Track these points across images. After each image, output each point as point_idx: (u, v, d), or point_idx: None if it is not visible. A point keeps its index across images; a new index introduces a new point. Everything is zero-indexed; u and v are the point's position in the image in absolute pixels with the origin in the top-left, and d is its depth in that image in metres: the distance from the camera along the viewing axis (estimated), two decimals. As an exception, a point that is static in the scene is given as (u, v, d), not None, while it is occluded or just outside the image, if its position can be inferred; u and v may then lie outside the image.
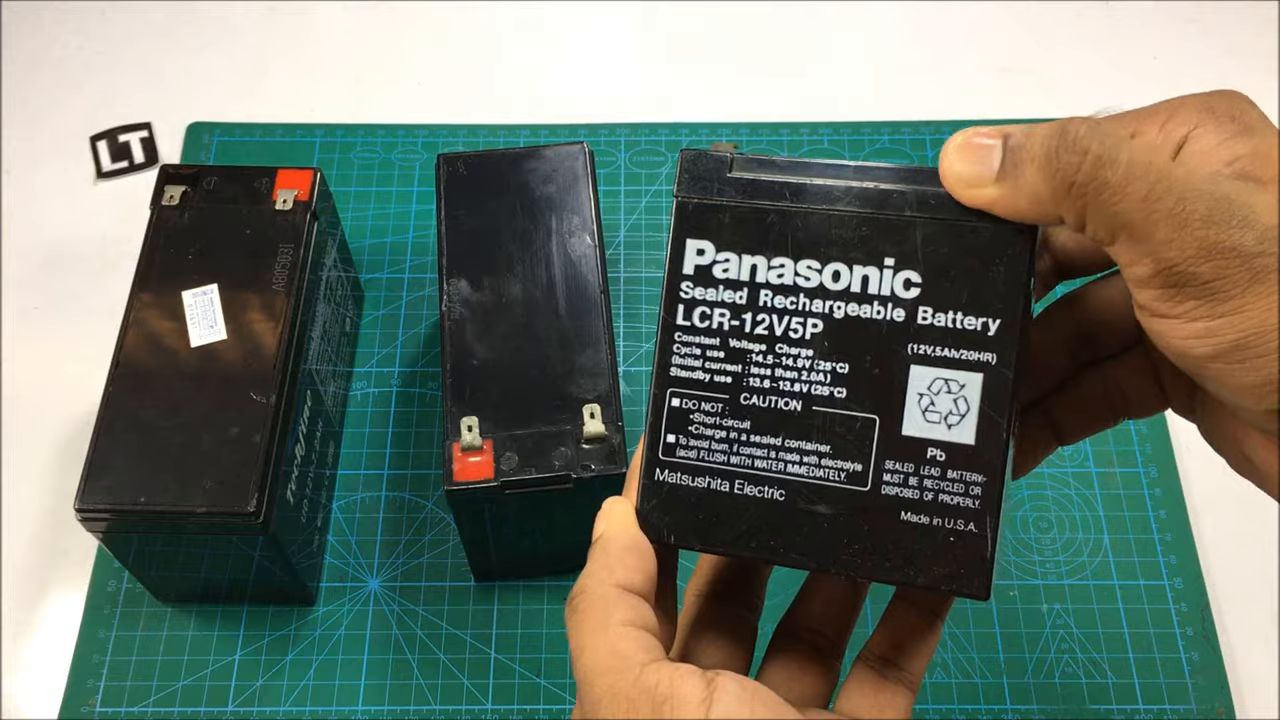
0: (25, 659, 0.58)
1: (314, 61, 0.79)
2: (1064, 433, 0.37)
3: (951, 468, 0.32)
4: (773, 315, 0.34)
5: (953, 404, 0.33)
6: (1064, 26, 0.81)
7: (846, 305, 0.33)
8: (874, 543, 0.33)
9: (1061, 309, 0.37)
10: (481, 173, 0.59)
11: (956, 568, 0.32)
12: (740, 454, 0.34)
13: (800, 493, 0.33)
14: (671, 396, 0.34)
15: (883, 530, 0.33)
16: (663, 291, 0.35)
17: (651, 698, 0.29)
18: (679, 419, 0.34)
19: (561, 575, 0.59)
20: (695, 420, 0.34)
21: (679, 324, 0.34)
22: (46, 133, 0.75)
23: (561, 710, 0.55)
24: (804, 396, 0.34)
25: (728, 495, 0.34)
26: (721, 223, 0.34)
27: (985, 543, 0.32)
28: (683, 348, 0.34)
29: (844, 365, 0.33)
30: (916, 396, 0.33)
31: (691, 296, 0.34)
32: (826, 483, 0.33)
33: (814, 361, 0.34)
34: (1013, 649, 0.57)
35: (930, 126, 0.75)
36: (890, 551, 0.33)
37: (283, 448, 0.52)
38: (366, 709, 0.56)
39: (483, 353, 0.53)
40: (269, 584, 0.56)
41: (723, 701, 0.29)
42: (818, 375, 0.34)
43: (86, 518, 0.50)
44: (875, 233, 0.33)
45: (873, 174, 0.33)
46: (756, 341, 0.34)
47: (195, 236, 0.57)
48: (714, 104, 0.77)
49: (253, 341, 0.53)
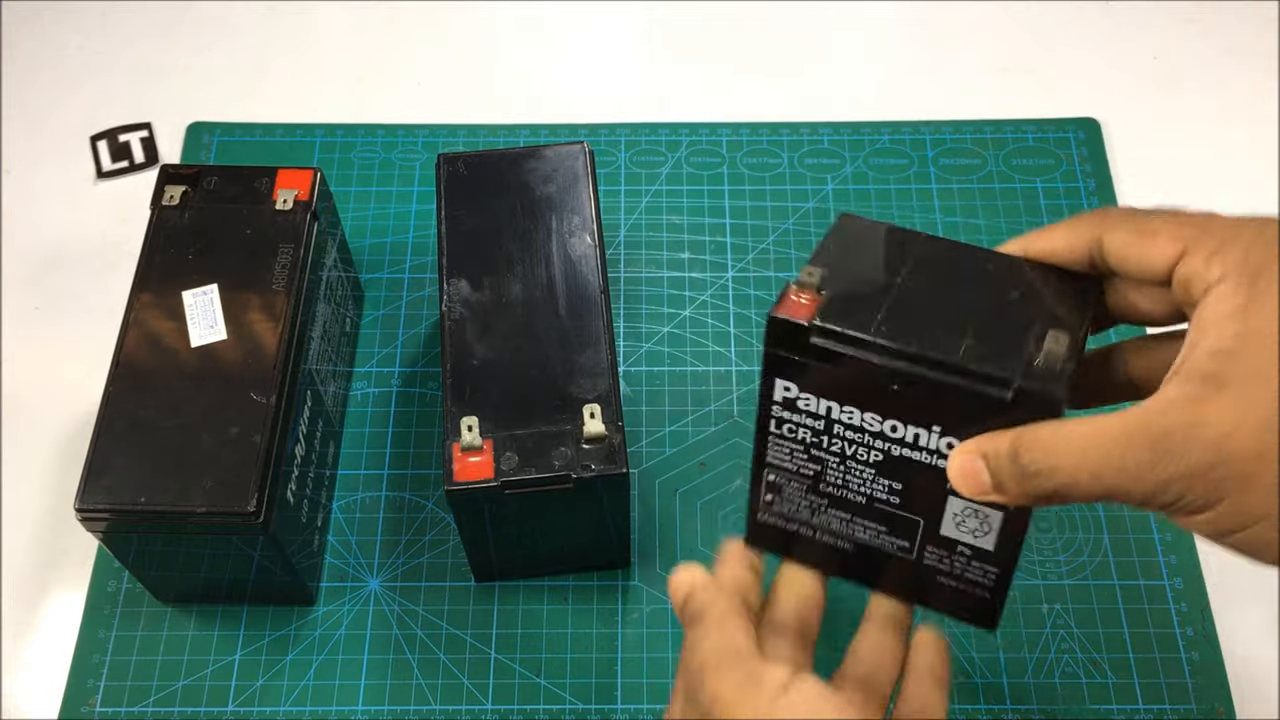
0: (25, 659, 0.58)
1: (314, 61, 0.79)
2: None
3: (975, 560, 0.42)
4: (844, 441, 0.43)
5: (979, 524, 0.42)
6: (1064, 26, 0.81)
7: (902, 449, 0.42)
8: (916, 585, 0.44)
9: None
10: (482, 173, 0.59)
11: (973, 613, 0.44)
12: (819, 516, 0.45)
13: (864, 547, 0.44)
14: (768, 473, 0.44)
15: (923, 581, 0.44)
16: (757, 410, 0.44)
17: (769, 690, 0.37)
18: (774, 487, 0.45)
19: (561, 575, 0.59)
20: (786, 490, 0.45)
21: (772, 431, 0.44)
22: (47, 133, 0.76)
23: (561, 710, 0.56)
24: (868, 495, 0.43)
25: (810, 539, 0.45)
26: (804, 372, 0.42)
27: (994, 605, 0.43)
28: (775, 447, 0.44)
29: (898, 484, 0.43)
30: (952, 515, 0.42)
31: (780, 416, 0.43)
32: (883, 548, 0.44)
33: (876, 477, 0.43)
34: (1013, 649, 0.57)
35: (930, 126, 0.75)
36: (926, 593, 0.44)
37: (283, 448, 0.52)
38: (367, 709, 0.56)
39: (483, 353, 0.53)
40: (269, 584, 0.56)
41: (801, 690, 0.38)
42: (878, 486, 0.43)
43: (86, 517, 0.50)
44: (927, 405, 0.40)
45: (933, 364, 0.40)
46: (831, 454, 0.43)
47: (195, 236, 0.57)
48: (714, 104, 0.77)
49: (253, 341, 0.53)
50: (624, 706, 0.56)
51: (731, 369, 0.65)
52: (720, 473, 0.62)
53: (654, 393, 0.65)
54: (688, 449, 0.63)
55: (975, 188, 0.72)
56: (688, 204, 0.71)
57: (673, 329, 0.67)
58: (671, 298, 0.68)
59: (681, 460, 0.62)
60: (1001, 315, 0.41)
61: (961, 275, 0.43)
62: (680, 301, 0.68)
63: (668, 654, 0.57)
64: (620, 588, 0.59)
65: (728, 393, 0.64)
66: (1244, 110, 0.75)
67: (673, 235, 0.70)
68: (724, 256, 0.69)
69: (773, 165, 0.73)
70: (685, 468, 0.62)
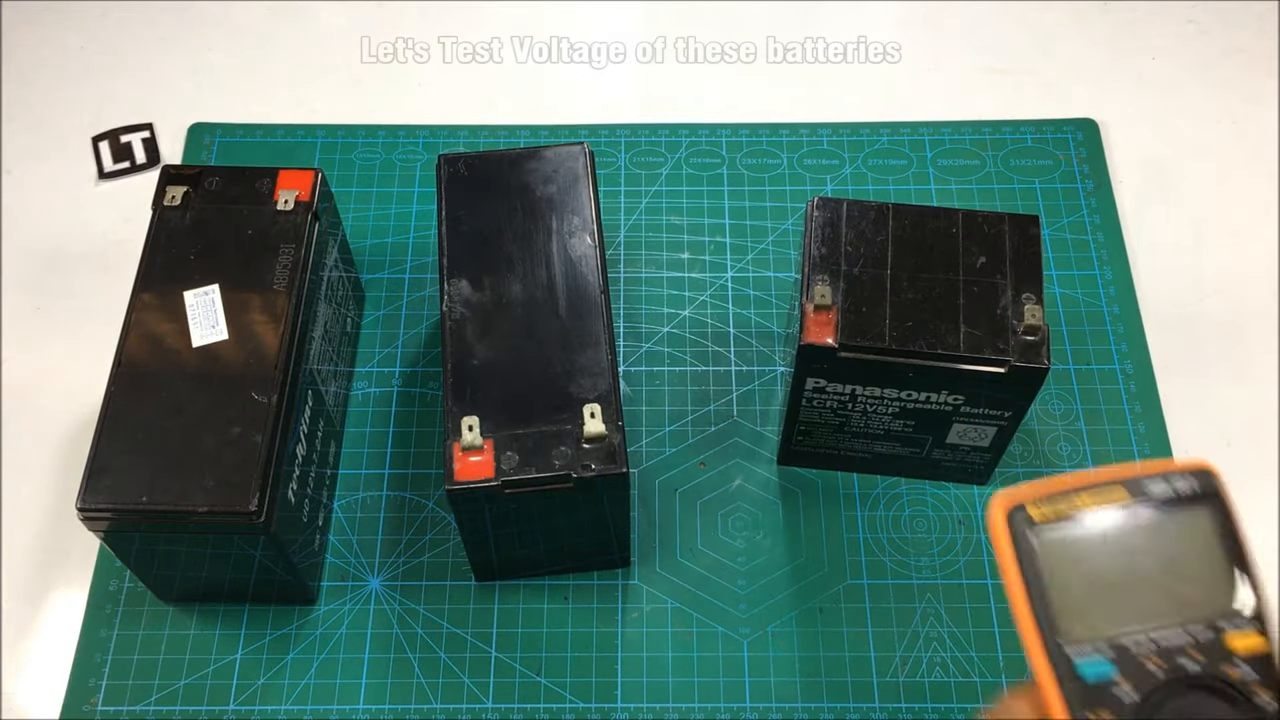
0: (27, 658, 0.58)
1: (314, 61, 0.79)
2: None
3: (973, 452, 0.58)
4: (865, 403, 0.55)
5: (977, 434, 0.56)
6: (1064, 26, 0.81)
7: (915, 404, 0.54)
8: (923, 471, 0.60)
9: None
10: (482, 173, 0.59)
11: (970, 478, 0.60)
12: (844, 443, 0.59)
13: (881, 455, 0.59)
14: (799, 425, 0.58)
15: (930, 468, 0.60)
16: (789, 391, 0.55)
17: None
18: (804, 431, 0.58)
19: (562, 575, 0.59)
20: (816, 432, 0.58)
21: (803, 405, 0.56)
22: (48, 133, 0.76)
23: (561, 709, 0.56)
24: (886, 429, 0.57)
25: (836, 455, 0.60)
26: (832, 374, 0.53)
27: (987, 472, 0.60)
28: (805, 413, 0.57)
29: (912, 421, 0.56)
30: (957, 431, 0.56)
31: (811, 398, 0.55)
32: (897, 454, 0.59)
33: (893, 419, 0.56)
34: (1012, 648, 0.57)
35: (930, 127, 0.75)
36: (932, 473, 0.60)
37: (284, 447, 0.52)
38: (368, 708, 0.56)
39: (483, 353, 0.53)
40: (270, 583, 0.56)
41: None
42: (895, 423, 0.56)
43: (88, 517, 0.50)
44: (937, 381, 0.52)
45: (940, 357, 0.51)
46: (855, 413, 0.56)
47: (197, 237, 0.57)
48: (714, 104, 0.77)
49: (254, 341, 0.54)
50: (624, 705, 0.56)
51: (731, 369, 0.65)
52: (720, 472, 0.62)
53: (654, 393, 0.65)
54: (688, 449, 0.63)
55: (974, 188, 0.72)
56: (687, 204, 0.72)
57: (673, 329, 0.67)
58: (671, 298, 0.68)
59: (681, 460, 0.63)
60: (979, 290, 0.52)
61: (935, 251, 0.54)
62: (680, 301, 0.68)
63: (667, 653, 0.57)
64: (620, 587, 0.59)
65: (728, 393, 0.65)
66: (1244, 110, 0.76)
67: (673, 235, 0.70)
68: (724, 256, 0.70)
69: (772, 165, 0.73)
70: (685, 468, 0.62)
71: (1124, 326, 0.67)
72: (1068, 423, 0.64)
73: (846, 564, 0.59)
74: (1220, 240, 0.70)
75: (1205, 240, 0.70)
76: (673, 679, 0.56)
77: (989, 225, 0.54)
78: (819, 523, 0.60)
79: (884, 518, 0.60)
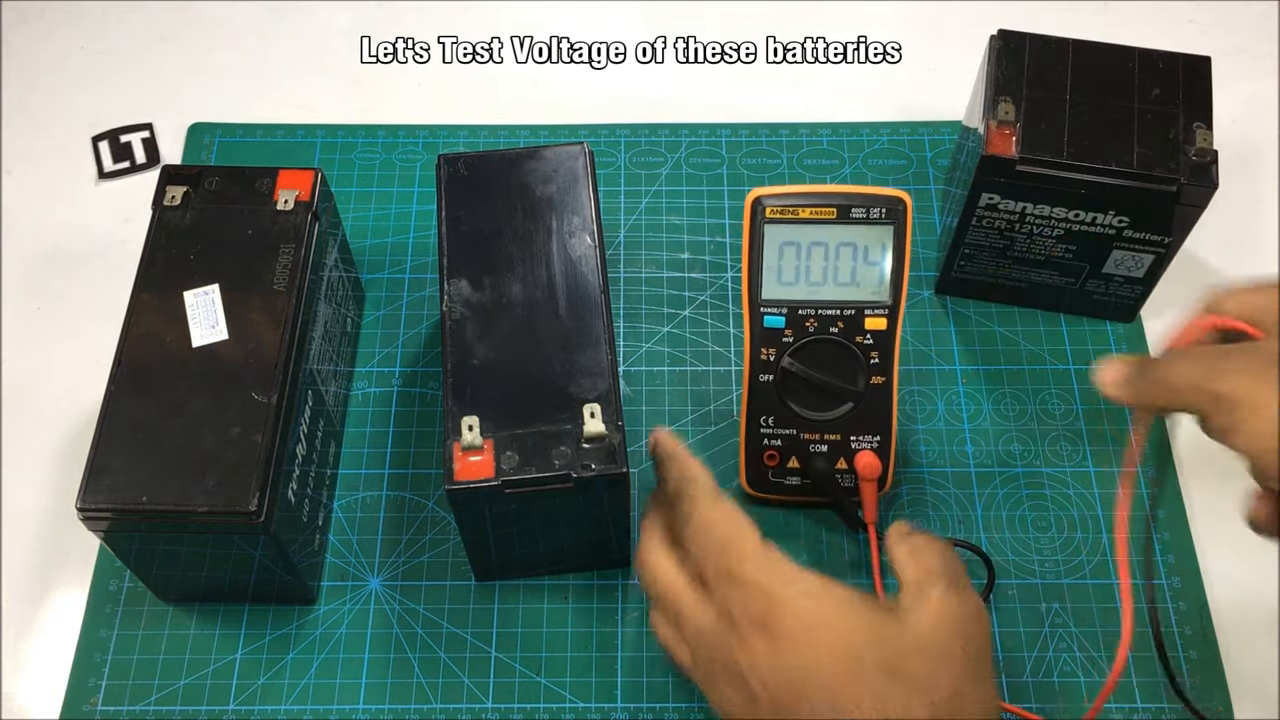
0: (27, 658, 0.58)
1: (314, 61, 0.79)
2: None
3: (1125, 284, 0.63)
4: (1032, 224, 0.59)
5: (1134, 262, 0.61)
6: (1064, 27, 0.80)
7: (1080, 226, 0.59)
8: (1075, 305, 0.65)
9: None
10: (482, 173, 0.59)
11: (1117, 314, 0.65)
12: (1003, 270, 0.64)
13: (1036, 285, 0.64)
14: (965, 248, 0.62)
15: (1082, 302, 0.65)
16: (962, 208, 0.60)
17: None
18: (968, 256, 0.63)
19: (562, 574, 0.59)
20: (979, 257, 0.63)
21: (973, 225, 0.61)
22: (48, 133, 0.76)
23: (561, 708, 0.56)
24: (1046, 255, 0.62)
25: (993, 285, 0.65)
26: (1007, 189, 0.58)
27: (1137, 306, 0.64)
28: (974, 233, 0.61)
29: (1073, 246, 0.60)
30: (1114, 259, 0.61)
31: (982, 215, 0.60)
32: (1053, 284, 0.64)
33: (1055, 244, 0.61)
34: (1011, 647, 0.57)
35: (929, 127, 0.75)
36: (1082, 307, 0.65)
37: (284, 447, 0.52)
38: (367, 708, 0.56)
39: (483, 352, 0.53)
40: (270, 583, 0.56)
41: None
42: (1057, 249, 0.61)
43: (88, 517, 0.50)
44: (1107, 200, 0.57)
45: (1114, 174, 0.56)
46: (1020, 235, 0.60)
47: (197, 237, 0.57)
48: (714, 104, 0.77)
49: (254, 341, 0.54)
50: (624, 705, 0.56)
51: (731, 369, 0.65)
52: (720, 472, 0.62)
53: (654, 393, 0.65)
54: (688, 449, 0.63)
55: (975, 188, 0.72)
56: (687, 204, 0.72)
57: (673, 329, 0.67)
58: (671, 298, 0.68)
59: (681, 460, 0.62)
60: (1153, 117, 0.57)
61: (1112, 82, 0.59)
62: (680, 301, 0.68)
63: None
64: (620, 587, 0.59)
65: (728, 393, 0.65)
66: (1244, 110, 0.75)
67: (672, 235, 0.70)
68: (724, 256, 0.70)
69: (773, 166, 0.73)
70: (685, 467, 0.62)
71: (1124, 326, 0.67)
72: (1068, 423, 0.64)
73: (845, 564, 0.59)
74: (1220, 240, 0.70)
75: (1205, 240, 0.70)
76: (673, 679, 0.56)
77: (1163, 62, 0.59)
78: (806, 521, 0.60)
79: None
